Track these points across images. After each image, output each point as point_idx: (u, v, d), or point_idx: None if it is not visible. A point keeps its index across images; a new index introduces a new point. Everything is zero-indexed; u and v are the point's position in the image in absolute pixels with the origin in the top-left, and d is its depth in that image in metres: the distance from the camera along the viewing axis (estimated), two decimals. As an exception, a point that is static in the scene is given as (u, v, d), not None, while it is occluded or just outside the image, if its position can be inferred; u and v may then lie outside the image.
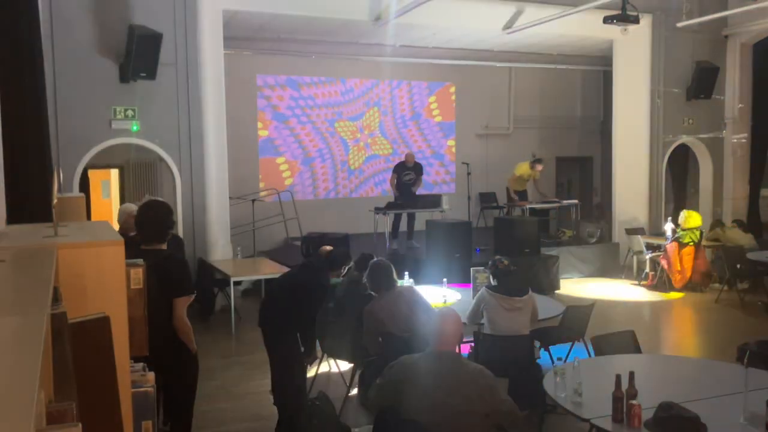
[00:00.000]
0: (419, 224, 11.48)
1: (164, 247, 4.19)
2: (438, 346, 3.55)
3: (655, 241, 10.91)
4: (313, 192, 13.86)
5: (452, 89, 15.08)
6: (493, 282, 5.47)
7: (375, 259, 5.71)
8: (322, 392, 5.28)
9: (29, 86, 2.81)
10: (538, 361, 5.37)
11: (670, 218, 10.94)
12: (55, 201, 2.38)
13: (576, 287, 10.45)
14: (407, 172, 11.58)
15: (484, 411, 3.42)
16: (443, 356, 3.53)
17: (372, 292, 5.28)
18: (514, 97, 15.45)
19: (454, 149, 15.14)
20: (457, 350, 3.79)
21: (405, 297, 5.22)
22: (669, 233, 10.29)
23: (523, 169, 12.39)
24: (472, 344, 5.41)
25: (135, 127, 8.97)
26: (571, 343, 6.05)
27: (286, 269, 8.47)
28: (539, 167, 12.29)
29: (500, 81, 15.28)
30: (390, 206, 11.31)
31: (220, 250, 9.46)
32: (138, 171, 11.06)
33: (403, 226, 11.72)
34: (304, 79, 13.64)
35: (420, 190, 11.85)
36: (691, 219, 9.89)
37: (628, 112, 12.38)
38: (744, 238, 10.43)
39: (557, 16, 10.71)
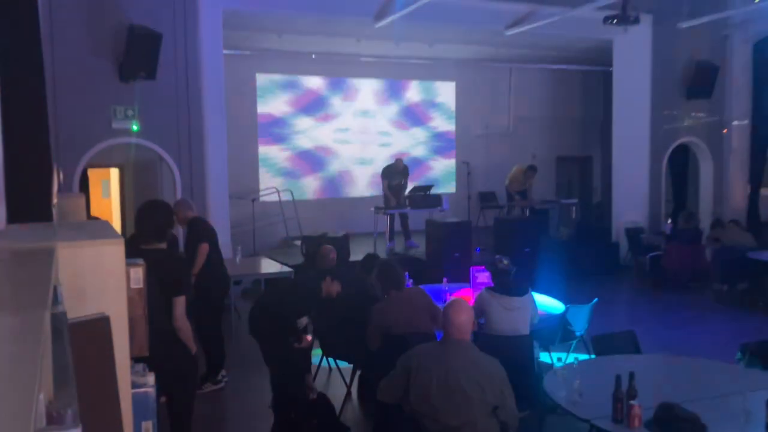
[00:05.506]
0: (419, 224, 11.46)
1: (164, 246, 4.20)
2: (453, 335, 3.65)
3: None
4: (313, 192, 13.86)
5: (452, 89, 15.08)
6: (492, 282, 5.48)
7: (384, 260, 5.72)
8: (322, 393, 5.30)
9: (29, 86, 2.81)
10: (537, 361, 5.37)
11: (670, 218, 10.94)
12: (55, 201, 2.38)
13: (576, 287, 10.43)
14: (396, 177, 11.57)
15: (493, 402, 3.47)
16: (460, 344, 3.64)
17: (381, 292, 5.26)
18: (514, 96, 15.45)
19: (454, 149, 15.14)
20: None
21: (413, 300, 5.21)
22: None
23: (517, 173, 12.67)
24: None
25: (135, 127, 8.97)
26: (571, 343, 6.05)
27: (286, 269, 8.49)
28: (533, 175, 12.58)
29: (500, 81, 15.28)
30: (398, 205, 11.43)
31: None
32: (138, 171, 11.05)
33: (398, 226, 11.68)
34: (304, 78, 13.64)
35: (420, 190, 11.85)
36: None
37: (628, 112, 12.37)
38: (744, 238, 10.42)
39: (557, 16, 10.70)
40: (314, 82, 13.74)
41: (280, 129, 13.50)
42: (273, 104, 13.42)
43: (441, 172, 15.07)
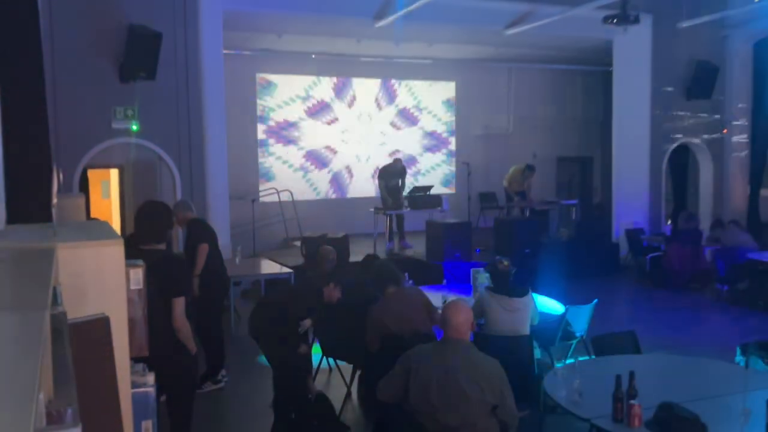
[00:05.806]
0: (419, 225, 11.46)
1: (163, 247, 4.20)
2: (451, 336, 3.65)
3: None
4: (313, 192, 13.86)
5: (452, 89, 15.08)
6: (492, 283, 5.48)
7: (379, 261, 5.72)
8: (322, 393, 5.30)
9: (29, 86, 2.81)
10: (538, 361, 5.37)
11: (670, 219, 10.94)
12: (55, 201, 2.38)
13: (576, 288, 10.42)
14: (394, 177, 11.54)
15: (493, 402, 3.47)
16: (459, 344, 3.64)
17: (378, 293, 5.27)
18: (514, 97, 15.46)
19: (454, 149, 15.14)
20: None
21: (411, 298, 5.21)
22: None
23: (516, 173, 12.68)
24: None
25: (135, 127, 8.96)
26: (571, 343, 6.04)
27: (286, 270, 8.48)
28: (531, 175, 12.59)
29: (500, 81, 15.29)
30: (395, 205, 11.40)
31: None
32: (138, 171, 11.04)
33: (395, 227, 11.67)
34: (304, 78, 13.64)
35: (420, 190, 11.84)
36: None
37: (628, 112, 12.37)
38: (744, 238, 10.41)
39: (557, 15, 10.70)
40: (313, 82, 13.74)
41: (279, 129, 13.51)
42: (272, 104, 13.42)
43: (440, 172, 15.07)
